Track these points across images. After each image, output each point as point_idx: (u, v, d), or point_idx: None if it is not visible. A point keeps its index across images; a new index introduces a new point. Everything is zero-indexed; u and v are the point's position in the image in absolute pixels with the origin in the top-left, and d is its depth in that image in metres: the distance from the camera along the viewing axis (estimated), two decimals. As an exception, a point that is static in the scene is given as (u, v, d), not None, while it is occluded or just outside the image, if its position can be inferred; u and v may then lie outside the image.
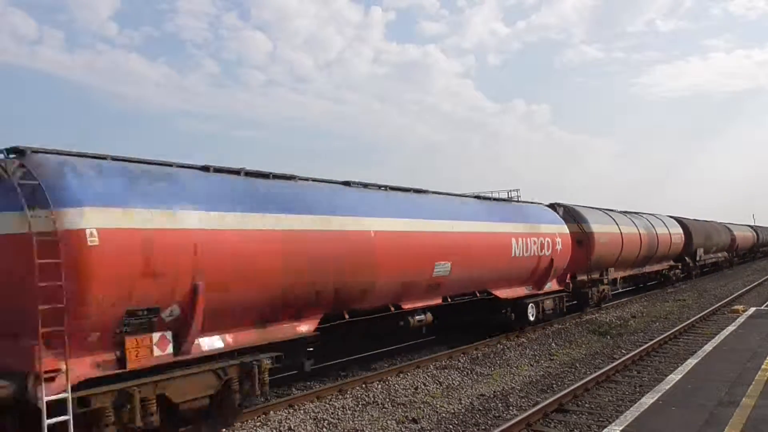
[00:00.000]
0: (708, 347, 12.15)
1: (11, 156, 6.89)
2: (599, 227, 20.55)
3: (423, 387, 10.96)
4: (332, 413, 9.33)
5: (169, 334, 7.48)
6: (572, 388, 10.25)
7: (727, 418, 7.28)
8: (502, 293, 14.89)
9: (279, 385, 11.04)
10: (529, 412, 8.89)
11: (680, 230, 30.54)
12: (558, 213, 18.74)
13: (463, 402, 10.07)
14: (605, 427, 7.53)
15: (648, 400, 8.28)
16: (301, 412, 9.36)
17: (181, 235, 7.47)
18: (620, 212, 24.57)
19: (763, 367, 10.08)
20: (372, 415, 9.31)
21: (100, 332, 6.85)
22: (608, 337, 16.35)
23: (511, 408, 9.68)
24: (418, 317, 12.22)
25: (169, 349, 7.47)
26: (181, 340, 7.57)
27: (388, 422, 8.95)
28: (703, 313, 19.67)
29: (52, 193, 6.50)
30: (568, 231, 17.89)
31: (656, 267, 27.86)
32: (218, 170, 8.77)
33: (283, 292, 8.82)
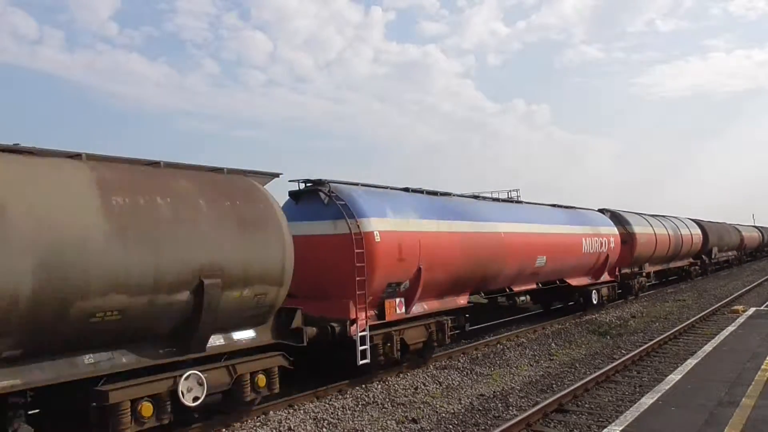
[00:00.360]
0: (708, 347, 12.15)
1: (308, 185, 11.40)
2: (639, 229, 24.35)
3: (423, 387, 10.96)
4: (332, 413, 9.33)
5: (403, 300, 11.67)
6: (572, 388, 10.25)
7: (727, 418, 7.28)
8: (574, 282, 18.95)
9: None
10: (529, 412, 8.89)
11: (699, 231, 34.17)
12: (606, 217, 22.59)
13: (462, 402, 10.07)
14: (605, 427, 7.52)
15: (648, 400, 8.28)
16: (301, 412, 9.35)
17: (414, 235, 11.64)
18: (651, 215, 27.91)
19: (762, 367, 10.08)
20: (372, 415, 9.31)
21: (373, 297, 10.87)
22: (608, 337, 16.35)
23: (510, 408, 9.68)
24: (521, 297, 17.37)
25: (403, 309, 11.68)
26: (408, 304, 11.76)
27: (388, 422, 8.95)
28: (703, 313, 19.67)
29: (353, 209, 10.71)
30: (617, 232, 21.79)
31: (679, 263, 31.43)
32: (414, 190, 13.21)
33: (458, 276, 12.93)
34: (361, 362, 10.43)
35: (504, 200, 17.08)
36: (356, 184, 11.74)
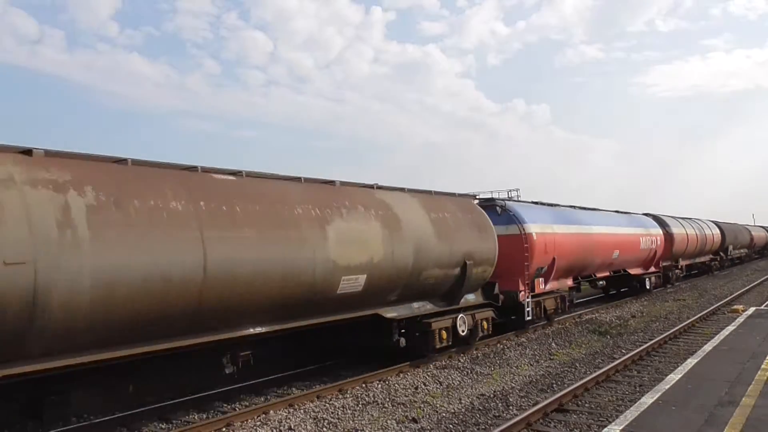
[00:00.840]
0: (708, 347, 12.16)
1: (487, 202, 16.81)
2: (677, 230, 30.07)
3: (423, 386, 10.96)
4: (332, 413, 9.34)
5: (543, 280, 16.87)
6: (572, 387, 10.26)
7: (727, 417, 7.29)
8: (633, 271, 24.91)
9: (279, 384, 11.08)
10: (529, 411, 8.89)
11: (718, 231, 40.23)
12: (651, 219, 28.32)
13: (463, 402, 10.07)
14: (605, 426, 7.52)
15: (648, 399, 8.29)
16: (301, 411, 9.36)
17: (551, 236, 16.92)
18: (682, 218, 33.62)
19: (762, 366, 10.09)
20: (372, 415, 9.31)
21: (529, 277, 15.94)
22: (608, 336, 16.36)
23: (511, 408, 9.69)
24: (600, 282, 24.18)
25: (543, 286, 16.89)
26: (545, 283, 17.03)
27: (388, 422, 8.96)
28: (703, 312, 19.68)
29: (518, 218, 16.14)
30: (661, 232, 27.57)
31: (703, 259, 37.30)
32: (537, 203, 18.82)
33: (571, 265, 18.43)
34: (527, 318, 16.18)
35: (589, 209, 22.58)
36: (507, 199, 18.11)
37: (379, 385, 10.92)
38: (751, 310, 18.33)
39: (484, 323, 14.13)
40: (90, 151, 7.77)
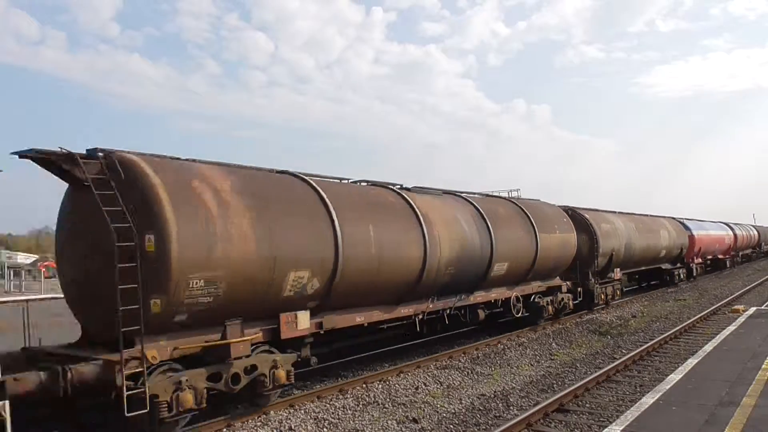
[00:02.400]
0: (708, 347, 12.15)
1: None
2: (738, 232, 47.87)
3: (423, 387, 10.96)
4: (333, 413, 9.33)
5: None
6: (573, 387, 10.25)
7: (728, 417, 7.28)
8: (721, 256, 42.08)
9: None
10: (530, 412, 8.89)
11: (755, 232, 57.53)
12: (724, 224, 45.85)
13: (463, 402, 10.07)
14: (606, 426, 7.52)
15: (648, 399, 8.29)
16: (302, 412, 9.35)
17: (698, 237, 34.42)
18: (734, 223, 49.80)
19: (763, 366, 10.08)
20: (372, 415, 9.31)
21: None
22: (609, 336, 16.35)
23: (511, 408, 9.69)
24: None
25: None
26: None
27: (389, 422, 8.96)
28: (704, 312, 19.66)
29: (688, 226, 33.70)
30: (732, 233, 44.65)
31: (747, 251, 54.64)
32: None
33: (694, 255, 33.96)
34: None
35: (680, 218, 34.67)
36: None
37: (380, 386, 10.92)
38: (752, 310, 18.32)
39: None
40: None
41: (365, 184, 12.32)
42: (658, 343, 14.51)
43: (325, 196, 9.89)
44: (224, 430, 8.55)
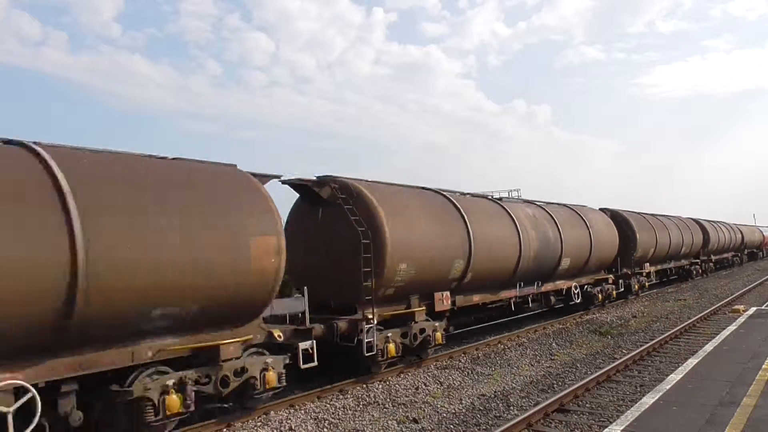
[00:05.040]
0: (708, 347, 12.15)
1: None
2: (761, 234, 62.34)
3: (424, 387, 10.95)
4: (333, 413, 9.33)
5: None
6: (573, 387, 10.25)
7: (728, 417, 7.28)
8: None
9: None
10: (530, 412, 8.89)
11: (740, 234, 55.11)
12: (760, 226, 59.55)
13: (463, 402, 10.07)
14: (606, 426, 7.52)
15: (649, 399, 8.28)
16: (302, 412, 9.36)
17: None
18: (744, 225, 58.10)
19: (763, 367, 10.08)
20: (373, 415, 9.31)
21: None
22: (609, 336, 16.35)
23: (511, 408, 9.68)
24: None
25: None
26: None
27: (389, 422, 8.95)
28: (704, 312, 19.65)
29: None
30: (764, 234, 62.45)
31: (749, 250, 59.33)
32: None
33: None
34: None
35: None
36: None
37: (380, 386, 10.92)
38: (752, 310, 18.31)
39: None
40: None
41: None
42: (659, 343, 14.51)
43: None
44: (224, 429, 8.55)
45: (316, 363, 9.62)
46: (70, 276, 6.23)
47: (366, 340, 10.55)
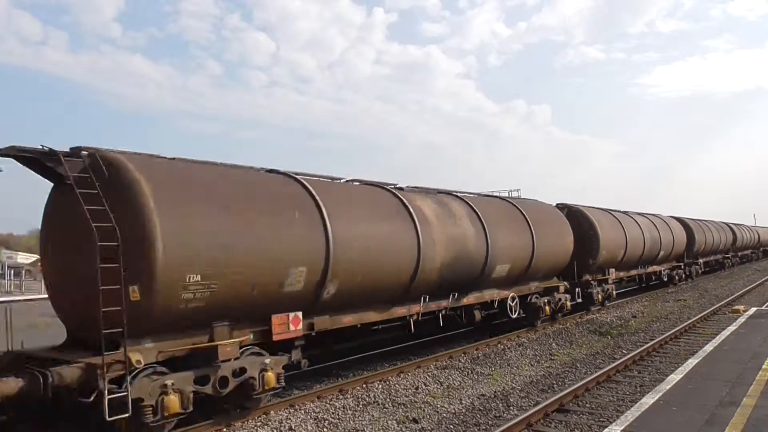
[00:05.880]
0: (708, 347, 12.15)
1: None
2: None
3: (424, 387, 10.95)
4: (333, 413, 9.33)
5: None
6: (573, 388, 10.25)
7: (728, 418, 7.28)
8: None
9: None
10: (530, 412, 8.89)
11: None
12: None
13: (463, 402, 10.07)
14: (606, 427, 7.52)
15: (649, 400, 8.28)
16: (302, 412, 9.35)
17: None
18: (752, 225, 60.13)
19: (763, 367, 10.08)
20: (372, 415, 9.31)
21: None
22: (609, 337, 16.35)
23: (511, 408, 9.68)
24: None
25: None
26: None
27: (389, 422, 8.95)
28: (704, 313, 19.66)
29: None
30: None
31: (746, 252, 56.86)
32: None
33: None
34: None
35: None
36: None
37: (380, 386, 10.92)
38: (752, 310, 18.32)
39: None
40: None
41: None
42: (659, 343, 14.51)
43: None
44: (224, 429, 8.54)
45: None
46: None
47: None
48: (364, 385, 10.92)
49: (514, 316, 15.61)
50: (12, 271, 39.30)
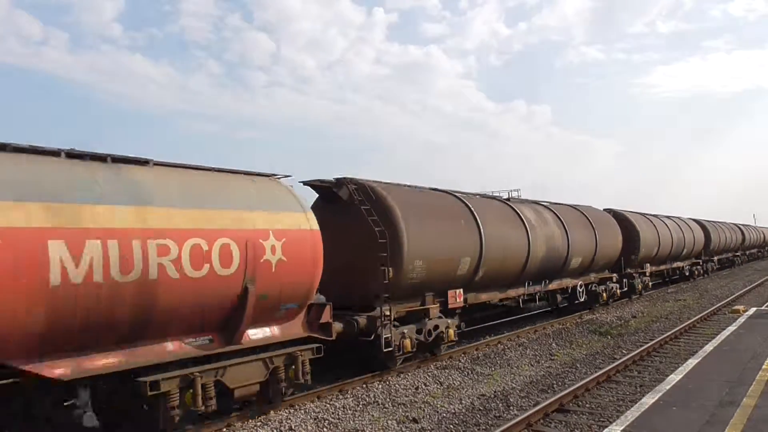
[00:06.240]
0: (708, 347, 12.15)
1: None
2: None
3: (423, 387, 10.95)
4: (333, 413, 9.33)
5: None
6: (573, 388, 10.25)
7: (728, 418, 7.28)
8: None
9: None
10: (530, 412, 8.89)
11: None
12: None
13: (463, 402, 10.07)
14: (606, 427, 7.52)
15: (649, 400, 8.28)
16: (302, 412, 9.35)
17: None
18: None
19: (763, 367, 10.08)
20: (372, 415, 9.31)
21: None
22: (609, 337, 16.35)
23: (511, 408, 9.68)
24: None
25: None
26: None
27: (389, 422, 8.95)
28: (704, 313, 19.65)
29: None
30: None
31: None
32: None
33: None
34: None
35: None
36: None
37: (380, 386, 10.92)
38: (752, 310, 18.32)
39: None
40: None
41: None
42: (659, 343, 14.51)
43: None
44: (224, 430, 8.55)
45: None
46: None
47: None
48: (364, 385, 10.92)
49: (582, 299, 19.81)
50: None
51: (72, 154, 7.17)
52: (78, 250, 6.36)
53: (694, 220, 37.75)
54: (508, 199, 17.61)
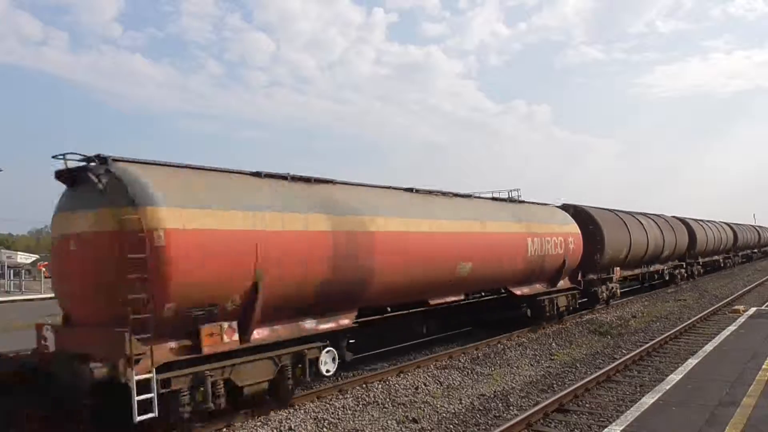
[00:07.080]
0: (708, 347, 12.15)
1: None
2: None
3: (423, 387, 10.95)
4: (332, 413, 9.33)
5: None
6: (573, 388, 10.25)
7: (728, 418, 7.28)
8: None
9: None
10: (530, 412, 8.89)
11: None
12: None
13: (463, 402, 10.07)
14: (606, 427, 7.52)
15: (648, 399, 8.29)
16: (302, 411, 9.35)
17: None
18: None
19: (763, 367, 10.08)
20: (372, 415, 9.31)
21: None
22: (609, 337, 16.34)
23: (511, 408, 9.68)
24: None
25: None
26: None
27: (389, 422, 8.95)
28: (704, 313, 19.66)
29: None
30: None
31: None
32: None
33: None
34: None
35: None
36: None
37: (380, 386, 10.91)
38: (752, 310, 18.32)
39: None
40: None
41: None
42: (659, 343, 14.51)
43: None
44: (224, 429, 8.55)
45: None
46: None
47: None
48: (364, 385, 10.92)
49: (667, 278, 28.75)
50: (12, 272, 39.25)
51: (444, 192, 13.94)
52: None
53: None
54: (617, 210, 23.98)
